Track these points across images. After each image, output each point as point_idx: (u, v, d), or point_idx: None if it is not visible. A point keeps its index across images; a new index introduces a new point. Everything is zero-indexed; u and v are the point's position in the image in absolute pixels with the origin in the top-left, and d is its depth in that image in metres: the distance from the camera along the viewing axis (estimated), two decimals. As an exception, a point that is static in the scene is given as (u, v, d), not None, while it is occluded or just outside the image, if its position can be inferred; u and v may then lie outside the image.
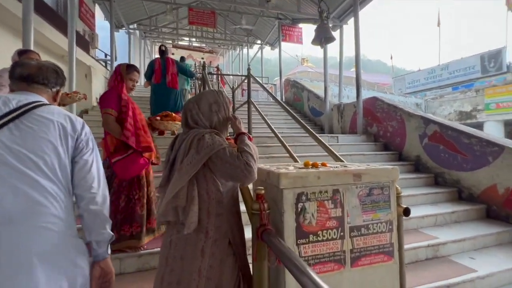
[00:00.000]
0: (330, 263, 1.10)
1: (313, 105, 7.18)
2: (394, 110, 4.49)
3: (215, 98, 1.20)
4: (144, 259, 1.94)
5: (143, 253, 1.95)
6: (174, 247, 1.08)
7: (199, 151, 1.05)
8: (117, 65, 2.02)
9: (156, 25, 11.75)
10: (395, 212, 1.20)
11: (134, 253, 1.93)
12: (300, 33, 8.98)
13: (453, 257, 2.40)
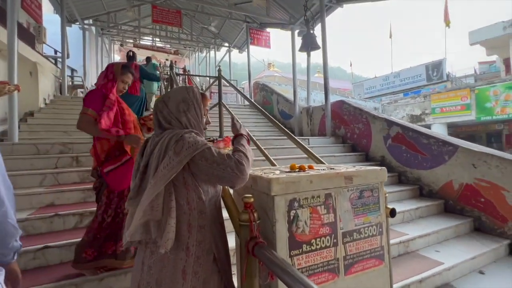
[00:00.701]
0: (324, 273, 1.03)
1: (283, 108, 7.27)
2: (360, 113, 4.71)
3: (184, 95, 1.05)
4: (106, 283, 1.68)
5: (105, 276, 1.69)
6: (148, 271, 0.91)
7: (178, 152, 0.90)
8: (110, 64, 1.82)
9: (115, 22, 10.92)
10: (384, 214, 1.18)
11: (95, 276, 1.65)
12: (268, 38, 9.07)
13: (421, 251, 2.53)
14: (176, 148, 0.91)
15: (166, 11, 7.93)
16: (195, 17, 11.32)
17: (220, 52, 13.49)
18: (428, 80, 18.98)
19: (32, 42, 6.12)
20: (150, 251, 0.93)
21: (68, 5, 7.64)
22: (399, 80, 20.94)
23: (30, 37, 6.15)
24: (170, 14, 7.92)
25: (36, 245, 1.79)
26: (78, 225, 2.19)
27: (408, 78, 20.31)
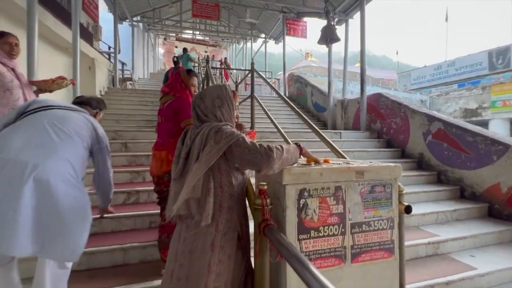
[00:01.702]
0: (330, 258, 1.12)
1: (317, 100, 7.14)
2: (398, 106, 4.46)
3: (218, 92, 1.20)
4: (147, 251, 1.98)
5: (147, 245, 1.98)
6: (183, 241, 1.09)
7: (218, 141, 1.05)
8: (176, 73, 1.89)
9: (159, 18, 11.66)
10: (396, 210, 1.21)
11: (139, 244, 1.96)
12: (304, 27, 8.87)
13: (453, 254, 2.41)
14: (216, 138, 1.06)
15: (205, 5, 8.23)
16: (232, 10, 11.50)
17: (257, 43, 13.56)
18: (490, 69, 16.67)
19: (90, 40, 6.92)
20: (186, 225, 1.10)
21: (120, 4, 8.39)
22: (454, 69, 18.75)
23: (89, 35, 6.95)
24: (209, 8, 8.20)
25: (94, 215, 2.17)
26: (126, 202, 2.56)
27: (465, 67, 18.07)
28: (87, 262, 1.85)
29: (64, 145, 1.21)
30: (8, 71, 2.07)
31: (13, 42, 2.12)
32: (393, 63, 47.25)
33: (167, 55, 21.31)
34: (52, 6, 5.06)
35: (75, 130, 1.29)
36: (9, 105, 2.06)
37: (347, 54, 6.61)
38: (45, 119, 1.25)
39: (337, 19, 6.84)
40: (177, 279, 1.06)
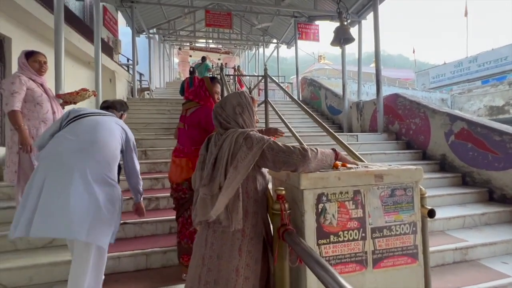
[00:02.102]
0: (351, 263, 1.10)
1: (331, 103, 7.06)
2: (417, 106, 4.32)
3: (238, 100, 1.23)
4: (169, 256, 2.03)
5: (168, 250, 2.04)
6: (210, 246, 1.10)
7: (250, 147, 1.07)
8: (200, 80, 1.90)
9: (174, 29, 12.07)
10: (419, 214, 1.18)
11: (160, 249, 2.02)
12: (316, 31, 8.84)
13: (483, 261, 2.28)
14: (247, 144, 1.08)
15: (218, 15, 8.43)
16: (244, 17, 11.70)
17: (269, 48, 13.66)
18: (517, 63, 15.77)
19: (111, 54, 7.29)
20: (213, 230, 1.12)
21: (137, 18, 8.78)
22: (476, 66, 17.90)
23: (109, 49, 7.32)
24: (221, 17, 8.39)
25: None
26: (146, 208, 2.64)
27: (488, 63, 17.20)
28: (112, 267, 1.92)
29: (100, 148, 1.43)
30: (37, 86, 2.24)
31: (42, 60, 2.29)
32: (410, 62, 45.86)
33: (182, 64, 21.94)
34: (76, 24, 5.39)
35: (109, 134, 1.51)
36: (40, 118, 2.22)
37: (361, 55, 6.51)
38: (84, 127, 1.48)
39: (350, 21, 6.78)
40: (205, 283, 1.07)
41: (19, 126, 2.07)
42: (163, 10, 9.97)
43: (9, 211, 2.36)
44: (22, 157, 2.12)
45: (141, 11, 8.82)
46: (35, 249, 2.07)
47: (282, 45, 11.77)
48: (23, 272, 1.79)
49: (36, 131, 2.18)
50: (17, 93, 2.07)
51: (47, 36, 4.47)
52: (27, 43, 4.19)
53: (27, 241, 2.09)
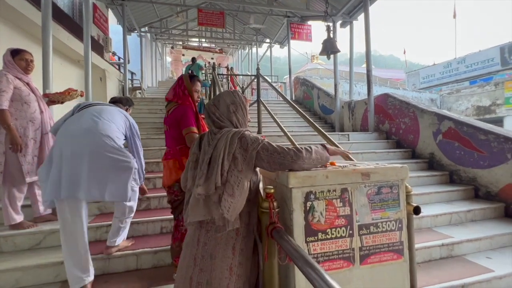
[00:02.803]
0: (339, 260, 1.12)
1: (324, 102, 7.13)
2: (406, 106, 4.40)
3: (232, 98, 1.23)
4: (160, 256, 2.02)
5: (158, 250, 2.02)
6: (203, 246, 1.10)
7: (246, 148, 1.09)
8: (179, 78, 1.88)
9: (166, 27, 11.95)
10: (404, 211, 1.21)
11: (150, 249, 2.01)
12: (309, 31, 8.90)
13: (468, 256, 2.35)
14: (242, 145, 1.09)
15: (211, 14, 8.39)
16: (237, 16, 11.68)
17: (262, 48, 13.68)
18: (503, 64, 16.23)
19: (101, 52, 7.16)
20: (206, 230, 1.11)
21: (128, 16, 8.65)
22: (465, 66, 18.35)
23: (100, 47, 7.19)
24: (214, 16, 8.36)
25: (107, 221, 2.24)
26: (137, 208, 2.61)
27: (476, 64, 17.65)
28: (102, 268, 1.90)
29: (104, 127, 1.70)
30: (24, 85, 2.19)
31: (29, 59, 2.24)
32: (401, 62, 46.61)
33: (175, 63, 21.74)
34: (65, 21, 5.28)
35: (111, 117, 1.80)
36: (27, 117, 2.17)
37: (352, 56, 6.60)
38: (90, 112, 1.76)
39: (341, 21, 6.86)
40: (197, 284, 1.06)
41: (7, 125, 2.02)
42: (155, 8, 9.86)
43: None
44: (9, 157, 2.07)
45: (132, 9, 8.70)
46: (21, 251, 2.02)
47: (275, 45, 11.80)
48: (9, 275, 1.75)
49: (24, 130, 2.13)
50: (5, 92, 2.02)
51: (34, 33, 4.37)
52: (13, 40, 4.08)
53: (13, 243, 2.04)
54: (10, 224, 2.08)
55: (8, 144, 2.04)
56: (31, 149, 2.16)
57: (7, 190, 2.08)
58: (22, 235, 2.06)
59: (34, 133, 2.19)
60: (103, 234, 2.20)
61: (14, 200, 2.10)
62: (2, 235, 2.03)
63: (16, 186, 2.11)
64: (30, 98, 2.19)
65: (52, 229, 2.12)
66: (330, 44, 4.76)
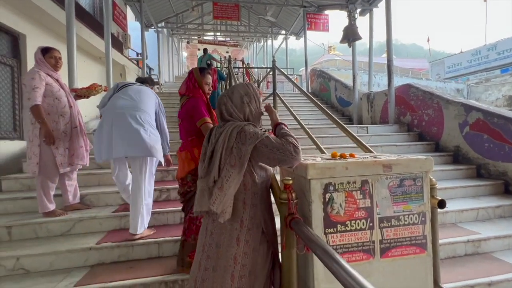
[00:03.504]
0: (358, 252, 1.11)
1: (341, 94, 6.95)
2: (430, 97, 4.19)
3: (246, 90, 1.23)
4: (179, 246, 2.09)
5: (179, 239, 2.09)
6: (210, 235, 1.15)
7: (244, 142, 1.08)
8: (190, 71, 1.91)
9: (182, 22, 12.06)
10: (428, 204, 1.16)
11: (171, 238, 2.08)
12: (326, 21, 8.65)
13: (496, 254, 2.24)
14: (241, 139, 1.09)
15: (225, 6, 8.36)
16: (252, 8, 11.54)
17: (277, 40, 13.48)
18: (540, 50, 14.96)
19: (120, 48, 7.37)
20: (212, 220, 1.16)
21: (146, 12, 8.82)
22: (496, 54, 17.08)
23: (119, 44, 7.41)
24: (229, 9, 8.32)
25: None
26: (158, 199, 2.72)
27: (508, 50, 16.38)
28: (127, 254, 2.00)
29: (144, 104, 2.10)
30: (54, 81, 2.31)
31: (58, 56, 2.36)
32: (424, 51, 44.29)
33: (191, 58, 21.95)
34: (87, 19, 5.47)
35: (148, 97, 2.16)
36: (58, 112, 2.30)
37: (372, 45, 6.34)
38: (129, 92, 2.13)
39: (360, 9, 6.58)
40: (204, 269, 1.12)
41: (42, 119, 2.16)
42: (171, 3, 9.96)
43: (29, 201, 2.47)
44: (43, 149, 2.21)
45: (149, 4, 8.84)
46: (54, 237, 2.17)
47: (291, 37, 11.58)
48: (44, 258, 1.90)
49: (56, 124, 2.26)
50: (38, 88, 2.15)
51: (59, 32, 4.56)
52: (40, 39, 4.29)
53: (47, 229, 2.20)
54: (44, 212, 2.24)
55: (42, 138, 2.18)
56: (63, 141, 2.30)
57: (41, 180, 2.23)
58: (54, 222, 2.21)
59: (65, 126, 2.32)
60: (127, 223, 2.31)
61: (48, 189, 2.25)
62: (37, 222, 2.19)
63: (50, 176, 2.26)
64: (60, 94, 2.32)
65: (81, 217, 2.26)
66: (352, 31, 4.49)
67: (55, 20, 4.21)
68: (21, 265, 1.86)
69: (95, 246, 1.96)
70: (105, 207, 2.54)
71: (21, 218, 2.25)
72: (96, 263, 1.96)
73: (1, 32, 3.70)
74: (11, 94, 3.85)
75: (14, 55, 3.92)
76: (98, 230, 2.26)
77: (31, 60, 3.98)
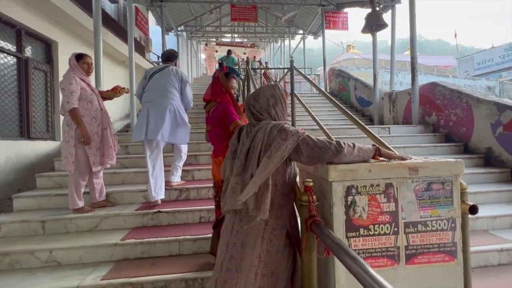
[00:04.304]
0: (382, 258, 1.07)
1: (361, 94, 6.76)
2: (458, 96, 3.97)
3: (272, 92, 1.24)
4: (199, 244, 2.13)
5: (198, 238, 2.14)
6: (236, 234, 1.14)
7: (285, 138, 1.08)
8: (215, 76, 1.93)
9: (201, 25, 12.30)
10: (458, 210, 1.10)
11: (191, 236, 2.13)
12: (345, 19, 8.46)
13: (535, 265, 2.07)
14: (281, 135, 1.09)
15: (243, 8, 8.42)
16: (269, 9, 11.53)
17: (295, 40, 13.36)
18: None
19: (142, 52, 7.66)
20: (239, 219, 1.15)
21: (166, 16, 9.09)
22: (532, 48, 15.87)
23: (141, 48, 7.70)
24: (247, 11, 8.37)
25: (152, 209, 2.43)
26: (178, 198, 2.79)
27: (548, 44, 15.14)
28: (149, 251, 2.08)
29: (171, 90, 2.66)
30: (87, 86, 2.46)
31: (90, 62, 2.52)
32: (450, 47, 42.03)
33: (208, 60, 22.37)
34: (112, 25, 5.74)
35: (169, 79, 2.69)
36: (91, 114, 2.45)
37: (394, 42, 6.11)
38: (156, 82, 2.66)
39: (382, 5, 6.37)
40: (226, 269, 1.11)
41: (79, 121, 2.31)
42: (190, 7, 10.19)
43: (60, 198, 2.64)
44: (78, 149, 2.36)
45: (169, 9, 9.11)
46: (82, 232, 2.30)
47: (309, 36, 11.44)
48: (74, 252, 2.01)
49: (89, 126, 2.41)
50: (75, 92, 2.32)
51: (87, 38, 4.82)
52: (70, 45, 4.56)
53: (76, 225, 2.33)
54: (74, 208, 2.38)
55: (79, 138, 2.32)
56: (95, 142, 2.44)
57: (75, 178, 2.37)
58: (83, 218, 2.34)
59: (97, 128, 2.47)
60: (149, 221, 2.40)
61: (79, 187, 2.39)
62: (68, 218, 2.32)
63: (82, 175, 2.40)
64: (93, 97, 2.47)
65: (106, 214, 2.37)
66: (376, 17, 4.06)
67: (83, 26, 4.45)
68: (53, 258, 1.99)
69: (120, 242, 2.05)
70: (129, 205, 2.64)
71: (53, 214, 2.40)
72: (120, 258, 2.04)
73: (36, 40, 3.98)
74: (44, 97, 4.12)
75: (47, 61, 4.19)
76: (122, 227, 2.35)
77: (62, 65, 4.24)
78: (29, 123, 3.71)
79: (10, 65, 3.55)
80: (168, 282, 1.78)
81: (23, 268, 1.95)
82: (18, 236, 2.25)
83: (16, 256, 1.97)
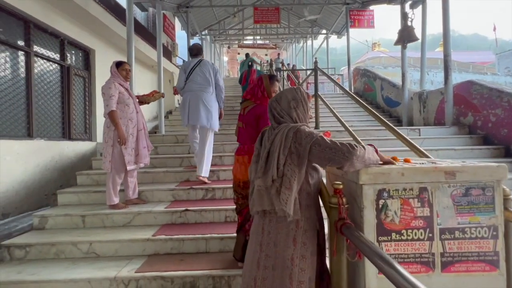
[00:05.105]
0: (416, 264, 1.04)
1: (388, 94, 6.50)
2: (498, 95, 3.69)
3: (293, 95, 1.26)
4: (225, 242, 2.19)
5: (224, 237, 2.20)
6: (267, 234, 1.17)
7: (300, 142, 1.11)
8: (259, 79, 1.94)
9: (224, 28, 12.57)
10: (501, 217, 1.04)
11: (217, 235, 2.20)
12: (371, 16, 8.20)
13: None
14: (297, 139, 1.12)
15: (266, 10, 8.48)
16: (292, 10, 11.49)
17: (317, 40, 13.19)
18: None
19: (169, 57, 8.00)
20: (269, 220, 1.18)
21: (191, 21, 9.42)
22: None
23: (168, 53, 8.04)
24: (269, 13, 8.42)
25: (180, 207, 2.54)
26: (204, 197, 2.89)
27: None
28: (178, 247, 2.17)
29: (208, 81, 3.10)
30: (125, 90, 2.66)
31: (128, 68, 2.72)
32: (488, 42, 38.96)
33: (231, 62, 22.75)
34: (142, 32, 6.07)
35: (210, 69, 3.13)
36: (127, 117, 2.63)
37: (425, 40, 5.81)
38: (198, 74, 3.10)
39: (412, 1, 6.09)
40: (264, 267, 1.15)
41: (116, 123, 2.50)
42: (214, 11, 10.46)
43: (98, 194, 2.85)
44: (115, 149, 2.54)
45: (195, 14, 9.42)
46: (117, 227, 2.46)
47: (332, 35, 11.22)
48: (110, 245, 2.16)
49: (125, 128, 2.59)
50: (114, 96, 2.51)
51: (120, 45, 5.14)
52: (106, 53, 4.89)
53: (112, 220, 2.50)
54: (110, 205, 2.56)
55: (116, 139, 2.50)
56: (130, 142, 2.61)
57: (112, 176, 2.55)
58: (118, 214, 2.50)
59: (133, 129, 2.65)
60: (178, 219, 2.51)
61: (115, 184, 2.57)
62: (105, 213, 2.51)
63: (119, 173, 2.58)
64: (130, 101, 2.65)
65: (139, 211, 2.52)
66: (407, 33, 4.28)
67: (117, 35, 4.76)
68: (93, 249, 2.16)
69: (152, 238, 2.17)
70: (159, 203, 2.78)
71: (92, 209, 2.60)
72: (152, 253, 2.16)
73: (76, 48, 4.33)
74: (83, 101, 4.47)
75: (86, 67, 4.54)
76: (154, 223, 2.49)
77: (99, 71, 4.58)
78: (70, 125, 4.05)
79: (54, 72, 3.90)
80: (196, 278, 1.85)
81: (67, 258, 2.14)
82: (62, 228, 2.46)
83: (61, 246, 2.16)
